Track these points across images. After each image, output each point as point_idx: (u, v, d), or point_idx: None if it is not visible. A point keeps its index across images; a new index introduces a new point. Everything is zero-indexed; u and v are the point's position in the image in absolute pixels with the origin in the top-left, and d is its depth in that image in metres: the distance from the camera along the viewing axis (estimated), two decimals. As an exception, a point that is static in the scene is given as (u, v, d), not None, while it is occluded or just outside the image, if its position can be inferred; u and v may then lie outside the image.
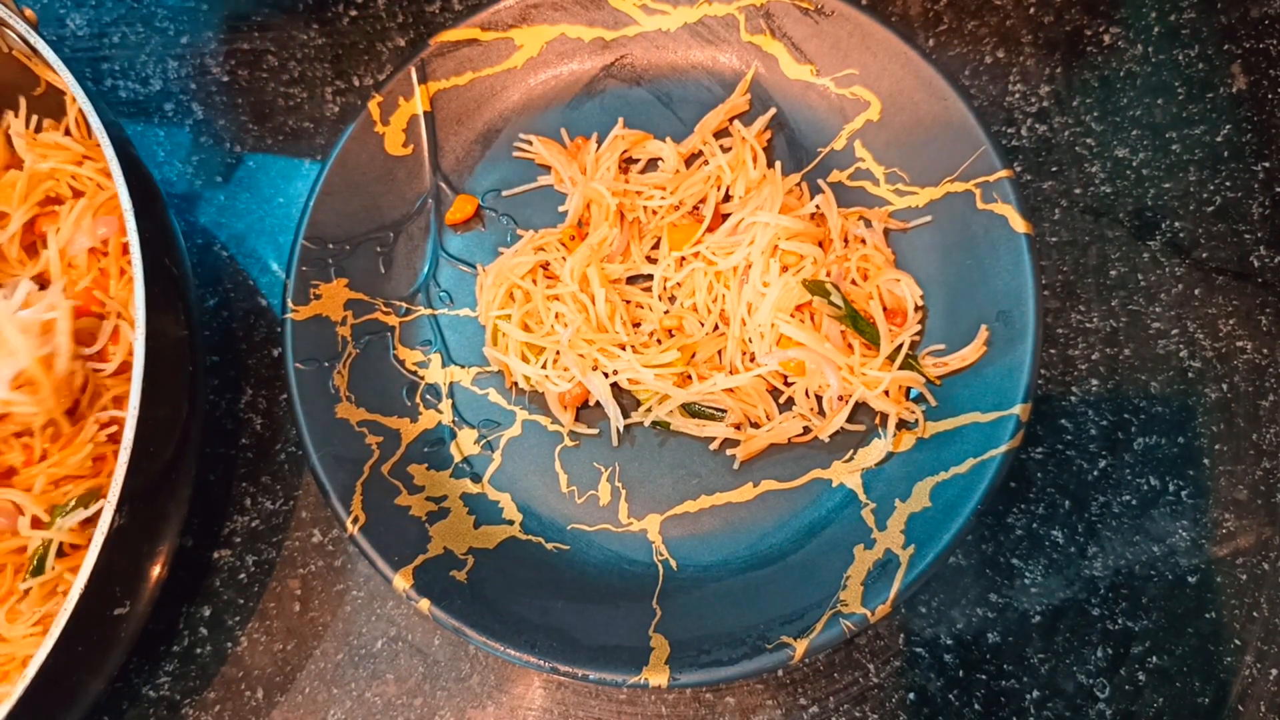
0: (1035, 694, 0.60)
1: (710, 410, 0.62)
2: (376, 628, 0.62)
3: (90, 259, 0.60)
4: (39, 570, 0.53)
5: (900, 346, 0.60)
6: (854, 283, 0.63)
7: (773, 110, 0.68)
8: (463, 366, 0.65)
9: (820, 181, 0.66)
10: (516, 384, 0.64)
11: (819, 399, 0.61)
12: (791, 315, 0.61)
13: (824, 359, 0.59)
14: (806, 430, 0.61)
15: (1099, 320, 0.67)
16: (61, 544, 0.53)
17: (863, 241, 0.64)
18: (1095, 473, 0.64)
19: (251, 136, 0.74)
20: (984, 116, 0.64)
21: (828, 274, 0.62)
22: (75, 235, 0.60)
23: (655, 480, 0.62)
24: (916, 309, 0.62)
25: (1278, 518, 0.63)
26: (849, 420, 0.61)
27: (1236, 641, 0.60)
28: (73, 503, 0.53)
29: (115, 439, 0.56)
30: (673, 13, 0.68)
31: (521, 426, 0.63)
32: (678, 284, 0.64)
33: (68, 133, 0.63)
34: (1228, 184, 0.70)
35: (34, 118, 0.64)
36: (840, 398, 0.60)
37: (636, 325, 0.64)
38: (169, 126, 0.75)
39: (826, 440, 0.61)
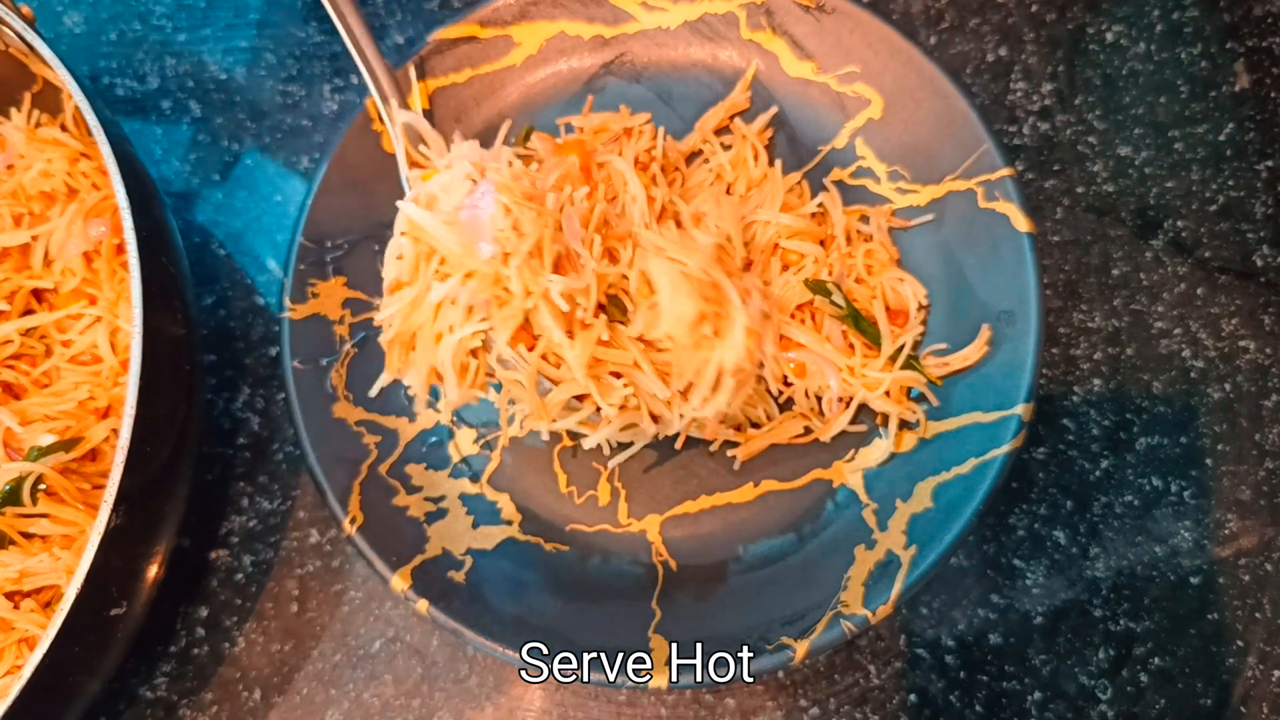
0: (1037, 695, 0.59)
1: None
2: (374, 628, 0.62)
3: (83, 260, 0.60)
4: (13, 500, 0.53)
5: (901, 347, 0.60)
6: (858, 280, 0.62)
7: (774, 109, 0.67)
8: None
9: (826, 181, 0.65)
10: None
11: (819, 399, 0.61)
12: (792, 315, 0.61)
13: (824, 360, 0.59)
14: (807, 430, 0.61)
15: (1101, 320, 0.67)
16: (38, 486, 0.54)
17: (868, 238, 0.63)
18: (1097, 473, 0.64)
19: (249, 134, 0.74)
20: (986, 114, 0.64)
21: (829, 272, 0.62)
22: (67, 240, 0.59)
23: (655, 480, 0.61)
24: (920, 308, 0.62)
25: (1281, 518, 0.62)
26: (850, 420, 0.60)
27: (1239, 643, 0.60)
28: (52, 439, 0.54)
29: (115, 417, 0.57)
30: (673, 10, 0.68)
31: (520, 426, 0.63)
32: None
33: (64, 129, 0.63)
34: (1231, 183, 0.69)
35: (34, 113, 0.64)
36: (840, 399, 0.60)
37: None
38: (166, 124, 0.74)
39: (827, 440, 0.61)
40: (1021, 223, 0.59)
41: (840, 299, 0.60)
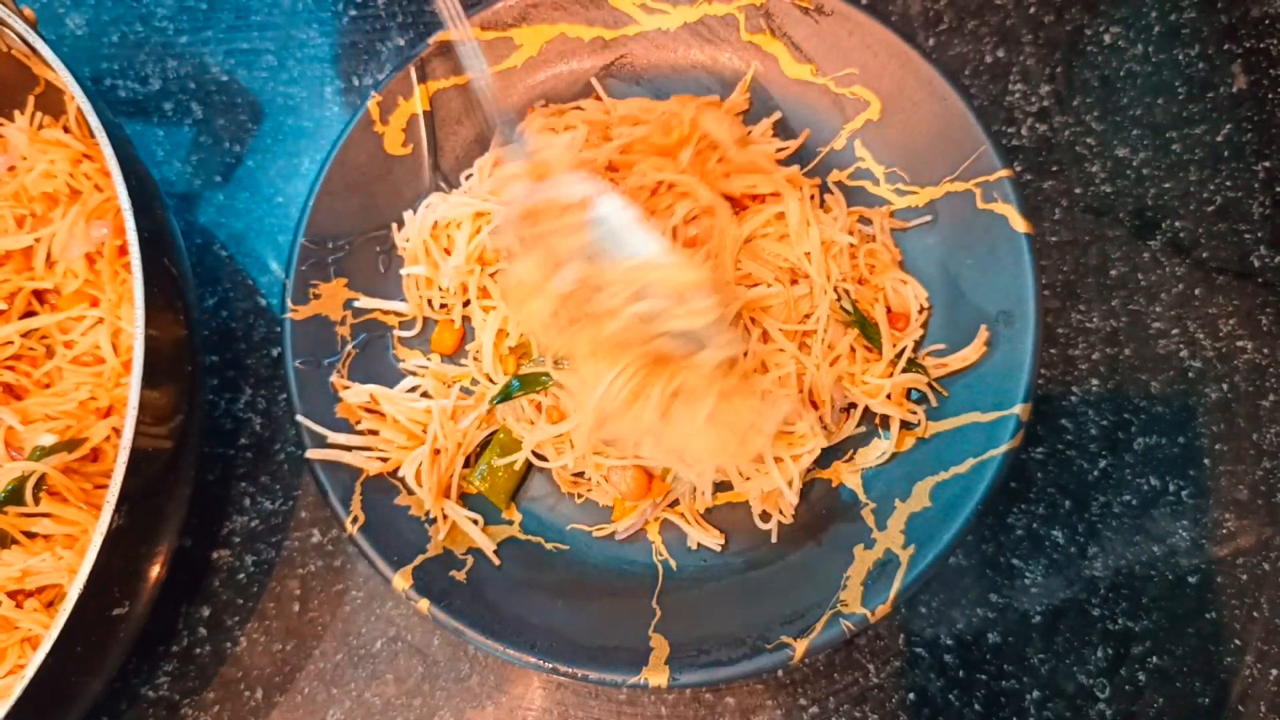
0: (1035, 694, 0.60)
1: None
2: (376, 628, 0.62)
3: (85, 261, 0.60)
4: (16, 500, 0.53)
5: (903, 351, 0.60)
6: (861, 281, 0.62)
7: (778, 114, 0.67)
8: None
9: (829, 182, 0.66)
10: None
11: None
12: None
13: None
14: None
15: (1099, 320, 0.67)
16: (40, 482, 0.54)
17: (869, 239, 0.63)
18: (1096, 473, 0.64)
19: (251, 136, 0.74)
20: (984, 116, 0.64)
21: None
22: (70, 242, 0.60)
23: (655, 480, 0.62)
24: (921, 310, 0.62)
25: (1278, 518, 0.63)
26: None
27: (1237, 642, 0.60)
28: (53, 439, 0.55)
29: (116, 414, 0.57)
30: (672, 12, 0.68)
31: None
32: None
33: (66, 131, 0.63)
34: (1228, 183, 0.70)
35: (37, 115, 0.64)
36: (842, 408, 0.60)
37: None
38: (168, 126, 0.74)
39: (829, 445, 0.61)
40: (1019, 224, 0.59)
41: (848, 304, 0.60)
